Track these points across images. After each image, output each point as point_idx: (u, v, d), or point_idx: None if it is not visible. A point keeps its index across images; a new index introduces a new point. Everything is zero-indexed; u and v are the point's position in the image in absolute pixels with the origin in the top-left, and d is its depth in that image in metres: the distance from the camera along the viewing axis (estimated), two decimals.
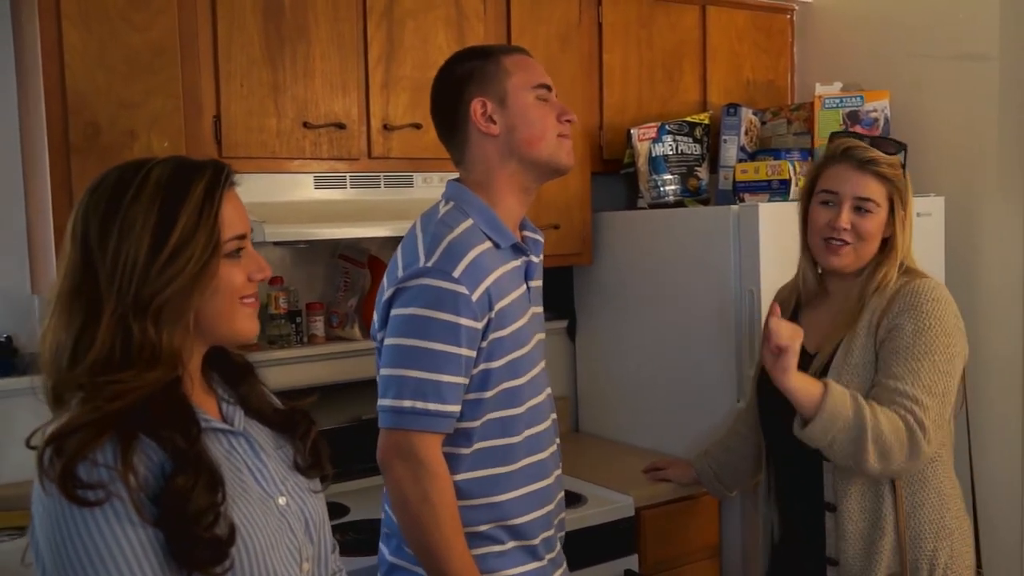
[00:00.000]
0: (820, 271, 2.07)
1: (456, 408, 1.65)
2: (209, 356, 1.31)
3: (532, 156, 1.74)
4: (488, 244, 1.70)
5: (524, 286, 1.78)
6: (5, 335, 2.35)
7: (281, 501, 1.28)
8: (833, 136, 2.09)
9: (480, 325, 1.65)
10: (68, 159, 2.09)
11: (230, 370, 1.34)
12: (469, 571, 1.64)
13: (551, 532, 1.84)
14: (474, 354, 1.66)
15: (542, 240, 1.86)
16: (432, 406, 1.62)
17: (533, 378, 1.78)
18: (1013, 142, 2.85)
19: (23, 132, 2.35)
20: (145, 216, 1.16)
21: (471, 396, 1.68)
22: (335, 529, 2.25)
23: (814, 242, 2.01)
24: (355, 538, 2.24)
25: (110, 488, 1.08)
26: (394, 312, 1.66)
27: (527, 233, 1.82)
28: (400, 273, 1.67)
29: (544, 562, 1.81)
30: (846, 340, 1.94)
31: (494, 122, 1.73)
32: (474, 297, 1.63)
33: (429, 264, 1.63)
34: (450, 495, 1.65)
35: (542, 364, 1.84)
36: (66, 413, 1.14)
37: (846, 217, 1.93)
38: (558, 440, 1.89)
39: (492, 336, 1.68)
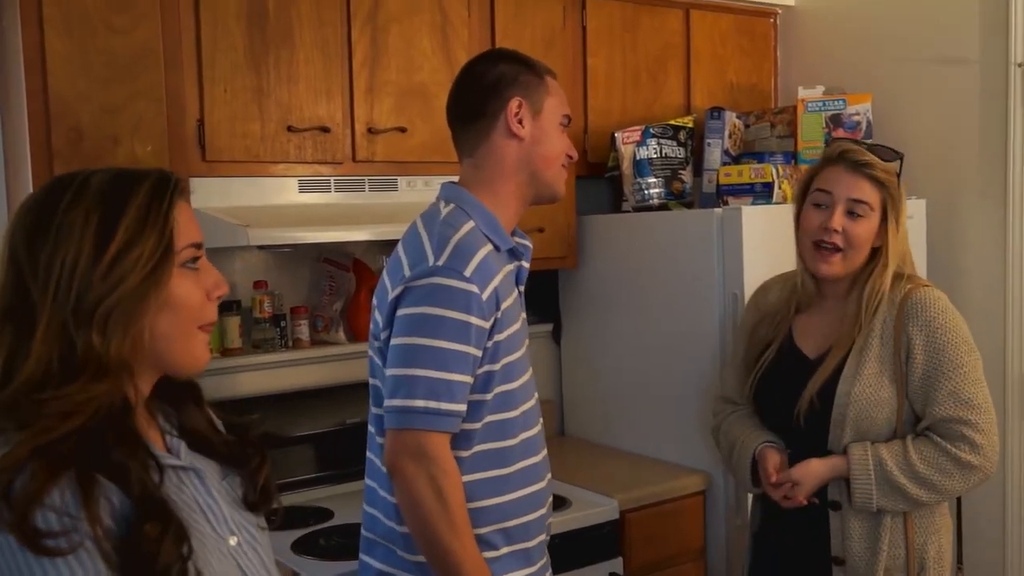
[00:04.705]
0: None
1: (464, 408, 1.64)
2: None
3: (542, 173, 1.78)
4: (490, 246, 1.70)
5: (516, 290, 1.79)
6: None
7: (232, 542, 1.18)
8: (831, 140, 2.09)
9: (488, 325, 1.65)
10: (51, 164, 2.09)
11: (171, 392, 1.22)
12: (481, 569, 1.64)
13: (544, 536, 1.84)
14: (480, 354, 1.65)
15: (531, 247, 1.86)
16: (444, 405, 1.61)
17: (525, 382, 1.79)
18: (993, 145, 2.87)
19: (5, 138, 2.34)
20: (85, 220, 1.07)
21: (474, 397, 1.67)
22: (320, 533, 2.27)
23: (804, 245, 2.00)
24: (340, 543, 2.23)
25: (74, 536, 0.96)
26: (402, 311, 1.64)
27: (517, 239, 1.83)
28: (407, 272, 1.65)
29: (535, 567, 1.81)
30: (856, 349, 1.95)
31: (522, 127, 1.76)
32: (484, 296, 1.64)
33: (439, 263, 1.63)
34: (462, 494, 1.64)
35: (531, 369, 1.84)
36: (3, 446, 0.99)
37: (839, 219, 1.93)
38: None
39: (496, 337, 1.68)
